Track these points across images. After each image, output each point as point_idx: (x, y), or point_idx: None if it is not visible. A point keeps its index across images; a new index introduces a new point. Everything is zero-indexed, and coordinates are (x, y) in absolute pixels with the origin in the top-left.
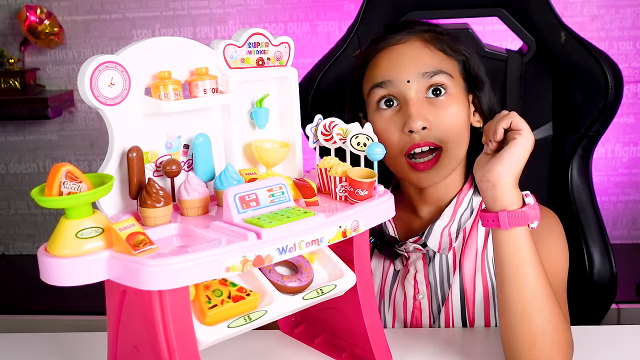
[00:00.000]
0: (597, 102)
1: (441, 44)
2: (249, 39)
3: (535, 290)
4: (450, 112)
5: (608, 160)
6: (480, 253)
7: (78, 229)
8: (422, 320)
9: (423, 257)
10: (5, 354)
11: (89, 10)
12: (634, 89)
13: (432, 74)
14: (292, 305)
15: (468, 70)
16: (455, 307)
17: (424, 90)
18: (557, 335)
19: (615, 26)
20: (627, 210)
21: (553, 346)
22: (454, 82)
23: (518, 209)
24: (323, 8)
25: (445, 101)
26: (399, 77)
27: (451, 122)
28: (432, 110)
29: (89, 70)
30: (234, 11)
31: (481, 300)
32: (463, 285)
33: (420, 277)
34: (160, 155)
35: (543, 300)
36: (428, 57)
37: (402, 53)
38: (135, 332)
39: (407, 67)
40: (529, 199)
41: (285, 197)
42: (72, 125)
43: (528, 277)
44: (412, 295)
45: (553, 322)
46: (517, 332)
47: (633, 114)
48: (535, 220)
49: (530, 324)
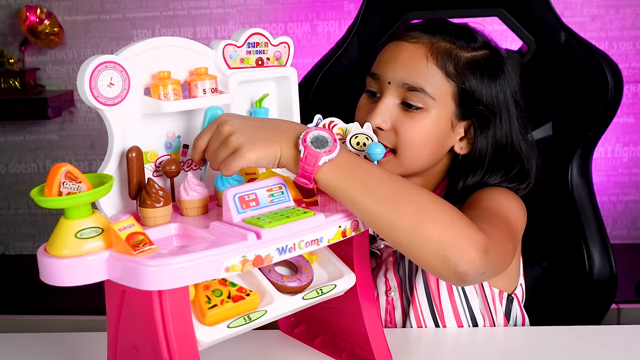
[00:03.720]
0: (597, 102)
1: (446, 61)
2: (249, 39)
3: (382, 197)
4: (416, 126)
5: (608, 160)
6: None
7: (78, 229)
8: (395, 316)
9: (393, 254)
10: (5, 354)
11: (89, 10)
12: (634, 89)
13: (411, 87)
14: (292, 305)
15: (469, 99)
16: (422, 300)
17: (400, 99)
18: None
19: (615, 26)
20: (627, 210)
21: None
22: (437, 104)
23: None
24: (323, 8)
25: (418, 115)
26: (384, 75)
27: (412, 134)
28: (400, 117)
29: (88, 70)
30: (234, 11)
31: (445, 289)
32: (426, 277)
33: (390, 274)
34: (160, 156)
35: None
36: (419, 70)
37: (400, 53)
38: (135, 332)
39: (395, 69)
40: (300, 149)
41: (285, 197)
42: (72, 125)
43: (361, 198)
44: (384, 291)
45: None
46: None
47: (633, 114)
48: (322, 157)
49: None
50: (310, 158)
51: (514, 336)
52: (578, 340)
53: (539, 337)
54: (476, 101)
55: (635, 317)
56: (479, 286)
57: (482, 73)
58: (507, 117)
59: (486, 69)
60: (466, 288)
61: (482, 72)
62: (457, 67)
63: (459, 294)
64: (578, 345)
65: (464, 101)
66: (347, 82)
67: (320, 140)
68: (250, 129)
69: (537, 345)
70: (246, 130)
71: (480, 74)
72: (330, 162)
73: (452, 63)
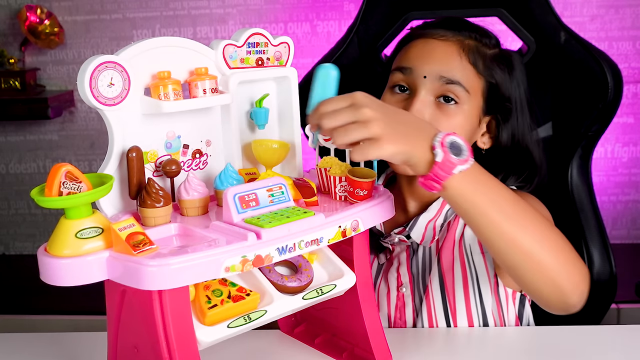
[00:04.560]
0: (596, 102)
1: (476, 58)
2: (249, 39)
3: (507, 214)
4: (453, 123)
5: (608, 160)
6: (457, 242)
7: (78, 229)
8: (406, 312)
9: (407, 249)
10: (5, 354)
11: (89, 10)
12: (634, 89)
13: (448, 81)
14: (291, 305)
15: (495, 94)
16: (435, 298)
17: (436, 94)
18: (556, 244)
19: (615, 26)
20: (627, 210)
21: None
22: (470, 98)
23: (429, 172)
24: (323, 8)
25: (452, 110)
26: (419, 69)
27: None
28: (436, 114)
29: (89, 70)
30: (234, 11)
31: (461, 288)
32: (442, 275)
33: (403, 269)
34: (160, 155)
35: (520, 222)
36: (454, 65)
37: (434, 48)
38: (135, 332)
39: (430, 63)
40: (437, 152)
41: (285, 197)
42: (72, 125)
43: (489, 212)
44: (395, 287)
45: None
46: (521, 266)
47: (633, 114)
48: (458, 166)
49: (525, 250)
50: (446, 164)
51: (513, 336)
52: (578, 340)
53: (539, 336)
54: (501, 96)
55: (635, 317)
56: (494, 286)
57: (503, 69)
58: (522, 112)
59: (506, 64)
60: (482, 287)
61: (503, 67)
62: (485, 63)
63: (474, 294)
64: (578, 345)
65: (490, 96)
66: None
67: (457, 147)
68: (392, 120)
69: (537, 345)
70: (389, 121)
71: (502, 69)
72: (463, 171)
73: (481, 59)
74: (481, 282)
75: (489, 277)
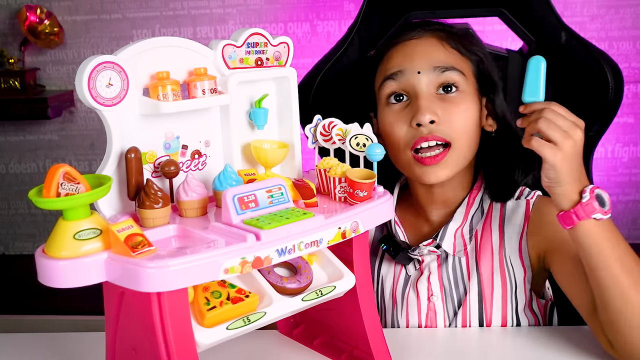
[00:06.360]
0: (597, 102)
1: (456, 43)
2: (248, 39)
3: (625, 266)
4: (461, 110)
5: (608, 160)
6: (497, 253)
7: (76, 231)
8: (437, 322)
9: (437, 258)
10: (5, 354)
11: (89, 10)
12: (634, 89)
13: (443, 69)
14: (291, 306)
15: (482, 72)
16: (472, 309)
17: (435, 86)
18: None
19: (615, 26)
20: (627, 210)
21: None
22: (467, 81)
23: (570, 209)
24: (323, 8)
25: (457, 98)
26: (410, 68)
27: (461, 119)
28: (443, 106)
29: (87, 70)
30: (234, 11)
31: (499, 300)
32: (481, 287)
33: (434, 278)
34: (159, 156)
35: (634, 276)
36: (441, 54)
37: (415, 46)
38: (133, 334)
39: (419, 59)
40: (585, 195)
41: (284, 198)
42: (72, 125)
43: (610, 260)
44: (425, 296)
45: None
46: (616, 310)
47: (633, 114)
48: (598, 213)
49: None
50: (589, 208)
51: (512, 336)
52: (578, 340)
53: (538, 336)
54: (487, 74)
55: None
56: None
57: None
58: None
59: (474, 42)
60: (518, 299)
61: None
62: (464, 46)
63: (512, 304)
64: (578, 345)
65: (480, 76)
66: (348, 83)
67: (601, 200)
68: (576, 151)
69: (537, 345)
70: (576, 149)
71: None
72: (600, 220)
73: (460, 44)
74: (519, 294)
75: (526, 291)
